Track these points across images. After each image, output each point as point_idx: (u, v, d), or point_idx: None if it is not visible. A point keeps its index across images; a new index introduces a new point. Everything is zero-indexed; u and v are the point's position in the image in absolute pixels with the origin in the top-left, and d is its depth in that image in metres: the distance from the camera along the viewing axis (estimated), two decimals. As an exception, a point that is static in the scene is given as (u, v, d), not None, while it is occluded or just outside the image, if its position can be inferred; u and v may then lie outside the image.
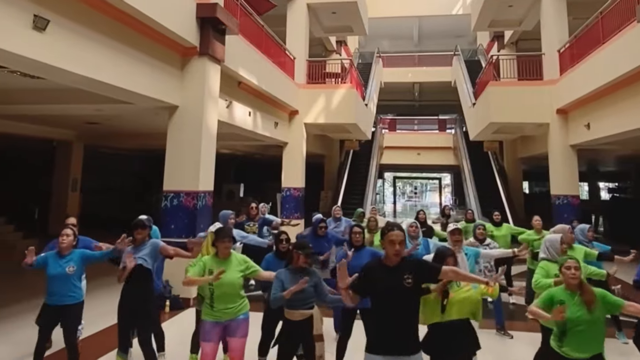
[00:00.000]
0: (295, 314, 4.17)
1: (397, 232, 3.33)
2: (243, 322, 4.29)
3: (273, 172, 17.28)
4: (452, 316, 3.81)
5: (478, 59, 24.70)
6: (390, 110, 29.93)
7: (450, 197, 34.03)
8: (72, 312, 4.72)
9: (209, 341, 4.18)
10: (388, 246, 3.32)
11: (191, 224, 7.89)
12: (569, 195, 13.13)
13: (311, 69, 15.98)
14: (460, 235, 5.41)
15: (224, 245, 4.29)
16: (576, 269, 3.72)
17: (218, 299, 4.18)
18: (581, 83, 11.55)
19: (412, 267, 3.31)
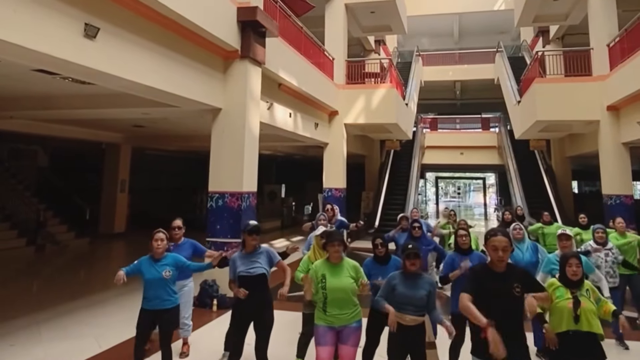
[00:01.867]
0: (407, 319, 3.99)
1: (499, 237, 3.27)
2: (356, 330, 4.17)
3: (314, 173, 17.43)
4: (584, 327, 3.60)
5: (522, 56, 24.11)
6: (431, 109, 29.59)
7: (495, 197, 33.37)
8: (169, 316, 4.68)
9: (324, 345, 4.09)
10: (491, 252, 3.28)
11: (236, 224, 8.03)
12: (622, 195, 12.67)
13: (350, 69, 15.99)
14: (569, 241, 5.12)
15: (334, 249, 4.17)
16: None
17: (331, 304, 4.10)
18: (633, 78, 11.11)
19: (520, 277, 3.29)
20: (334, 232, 4.49)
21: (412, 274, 4.09)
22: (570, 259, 3.81)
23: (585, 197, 24.18)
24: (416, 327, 4.01)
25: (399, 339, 4.00)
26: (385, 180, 20.07)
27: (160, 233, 4.77)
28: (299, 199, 22.97)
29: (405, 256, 4.08)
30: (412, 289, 4.03)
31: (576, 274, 3.74)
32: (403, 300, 3.98)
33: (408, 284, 4.03)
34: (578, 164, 20.31)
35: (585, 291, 3.75)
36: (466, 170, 33.71)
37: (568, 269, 3.78)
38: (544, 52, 16.00)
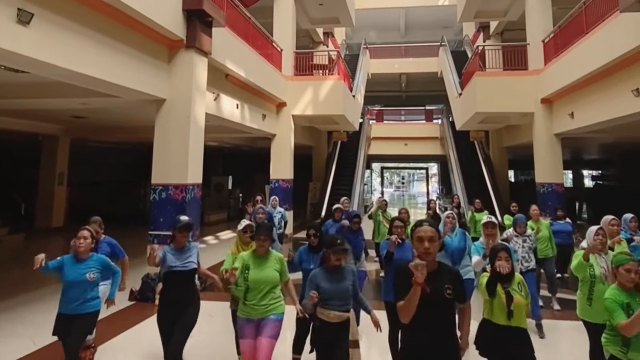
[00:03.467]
0: (331, 315, 3.85)
1: (425, 227, 2.92)
2: (273, 322, 4.02)
3: (261, 164, 17.32)
4: (515, 322, 3.59)
5: (464, 50, 24.86)
6: (378, 101, 30.05)
7: (437, 186, 34.34)
8: (84, 321, 4.29)
9: (245, 338, 4.00)
10: (417, 244, 2.90)
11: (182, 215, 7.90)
12: (554, 183, 13.44)
13: (298, 61, 16.01)
14: (493, 229, 5.13)
15: (259, 243, 4.10)
16: (636, 273, 3.42)
17: (251, 295, 4.02)
18: (565, 73, 11.76)
19: (452, 279, 2.94)
20: (262, 226, 4.38)
21: (333, 268, 3.96)
22: (499, 253, 3.75)
23: (521, 186, 25.37)
24: (340, 325, 3.86)
25: (323, 337, 3.87)
26: (332, 171, 20.27)
27: (84, 230, 4.43)
28: (246, 191, 22.80)
29: (333, 252, 3.91)
30: (336, 282, 3.90)
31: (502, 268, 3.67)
32: (328, 296, 3.84)
33: (331, 279, 3.91)
34: (514, 154, 21.26)
35: (517, 285, 3.73)
36: (410, 161, 34.53)
37: (498, 262, 3.71)
38: (484, 46, 16.57)
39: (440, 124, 26.07)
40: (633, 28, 8.16)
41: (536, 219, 7.46)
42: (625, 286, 3.44)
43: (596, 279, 4.30)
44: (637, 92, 8.85)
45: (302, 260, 4.87)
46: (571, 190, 25.39)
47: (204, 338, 5.69)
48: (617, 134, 13.21)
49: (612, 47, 9.19)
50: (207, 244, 12.66)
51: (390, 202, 32.52)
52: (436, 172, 37.08)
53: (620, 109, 9.69)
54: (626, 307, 3.35)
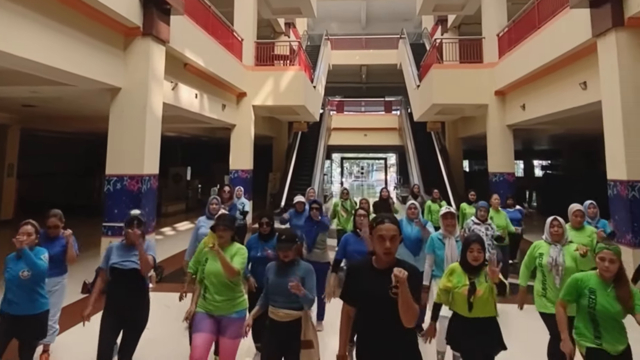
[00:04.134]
0: (280, 314, 3.61)
1: (387, 225, 2.71)
2: (236, 321, 3.82)
3: (221, 154, 17.17)
4: (477, 314, 3.55)
5: (423, 43, 25.18)
6: (339, 92, 30.14)
7: (396, 176, 34.86)
8: (33, 323, 4.04)
9: (199, 331, 3.74)
10: (377, 243, 2.72)
11: (135, 207, 7.75)
12: (505, 173, 13.98)
13: (259, 51, 15.91)
14: (453, 220, 5.02)
15: (219, 234, 3.92)
16: (611, 262, 3.31)
17: (210, 290, 3.83)
18: (518, 66, 12.21)
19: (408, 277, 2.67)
20: (222, 216, 4.22)
21: (286, 263, 3.72)
22: (472, 244, 3.64)
23: (475, 175, 26.04)
24: (291, 324, 3.59)
25: (273, 338, 3.60)
26: (293, 161, 20.27)
27: (27, 225, 4.14)
28: (205, 181, 22.57)
29: (278, 247, 3.69)
30: (283, 276, 3.63)
31: (477, 260, 3.60)
32: (275, 290, 3.63)
33: (280, 273, 3.69)
34: (469, 144, 21.82)
35: (485, 276, 3.62)
36: (370, 151, 34.95)
37: (469, 254, 3.63)
38: (442, 39, 16.89)
39: (399, 115, 26.44)
40: (581, 24, 8.52)
41: (496, 208, 7.73)
42: (603, 276, 3.35)
43: (543, 267, 4.36)
44: (584, 86, 9.26)
45: (250, 249, 4.61)
46: (522, 179, 26.55)
47: (160, 331, 5.60)
48: (566, 125, 13.78)
49: (561, 42, 9.59)
50: (164, 235, 12.51)
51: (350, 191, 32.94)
52: (394, 162, 37.62)
53: (568, 102, 10.15)
54: (589, 292, 3.35)
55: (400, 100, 26.83)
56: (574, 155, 24.60)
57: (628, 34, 7.58)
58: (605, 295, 3.30)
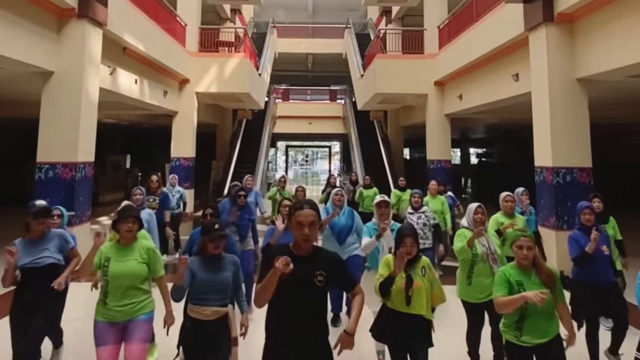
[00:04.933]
0: (207, 312, 3.37)
1: (306, 211, 2.66)
2: (143, 324, 3.48)
3: (163, 142, 16.78)
4: (415, 309, 3.43)
5: (368, 33, 25.46)
6: (284, 80, 30.04)
7: (339, 164, 35.26)
8: None
9: (104, 344, 3.36)
10: (295, 229, 2.67)
11: (68, 196, 7.57)
12: (442, 160, 14.47)
13: (203, 37, 15.68)
14: (387, 209, 4.88)
15: (127, 227, 3.51)
16: (529, 249, 3.27)
17: (112, 294, 3.41)
18: (456, 58, 12.63)
19: (327, 265, 2.70)
20: (128, 207, 3.79)
21: (213, 257, 3.50)
22: (405, 238, 3.52)
23: (415, 163, 26.81)
24: (217, 322, 3.41)
25: (198, 338, 3.39)
26: (237, 149, 20.09)
27: None
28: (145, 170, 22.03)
29: (210, 239, 3.45)
30: (213, 272, 3.44)
31: (410, 253, 3.47)
32: (203, 288, 3.39)
33: (209, 268, 3.45)
34: (410, 133, 22.25)
35: (422, 269, 3.56)
36: (314, 139, 35.26)
37: (403, 247, 3.50)
38: (386, 30, 17.15)
39: (344, 104, 26.70)
40: (515, 18, 8.87)
41: (434, 194, 7.93)
42: (521, 264, 3.32)
43: (477, 257, 4.29)
44: (517, 77, 9.68)
45: (193, 244, 4.34)
46: (458, 167, 27.47)
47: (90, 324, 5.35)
48: (499, 115, 14.35)
49: (496, 36, 9.97)
50: (100, 224, 12.19)
51: (295, 179, 33.03)
52: (339, 150, 38.07)
53: (502, 92, 10.59)
54: (517, 285, 3.24)
55: (345, 89, 27.08)
56: (506, 144, 25.85)
57: (557, 28, 7.98)
58: (531, 284, 3.24)
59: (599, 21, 7.34)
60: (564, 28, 8.00)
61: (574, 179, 7.67)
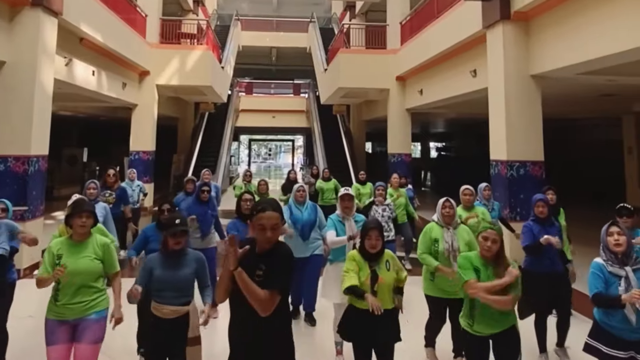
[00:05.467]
0: (165, 310, 3.32)
1: (269, 213, 2.58)
2: (94, 323, 3.32)
3: (122, 135, 16.45)
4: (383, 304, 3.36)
5: (332, 27, 25.49)
6: (248, 74, 29.88)
7: (303, 157, 35.35)
8: None
9: (54, 344, 3.24)
10: (258, 232, 2.60)
11: (21, 191, 7.35)
12: (403, 154, 14.71)
13: (165, 29, 15.44)
14: (351, 202, 4.92)
15: (79, 222, 3.33)
16: (494, 242, 3.31)
17: (63, 292, 3.27)
18: (417, 53, 12.81)
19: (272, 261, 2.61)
20: (80, 201, 3.66)
21: (174, 253, 3.42)
22: (370, 231, 3.54)
23: (377, 156, 27.22)
24: (178, 320, 3.36)
25: (158, 336, 3.34)
26: (198, 143, 19.91)
27: None
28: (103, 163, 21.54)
29: (171, 234, 3.37)
30: (173, 269, 3.38)
31: (375, 247, 3.51)
32: (162, 285, 3.33)
33: (168, 265, 3.38)
34: (372, 127, 22.45)
35: (386, 262, 3.59)
36: (278, 133, 35.30)
37: (367, 241, 3.53)
38: (350, 25, 17.22)
39: (307, 98, 26.77)
40: (474, 16, 9.04)
41: (396, 186, 8.07)
42: (484, 255, 3.38)
43: (439, 254, 4.31)
44: (474, 73, 9.90)
45: (148, 240, 4.28)
46: (418, 160, 28.15)
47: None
48: (458, 109, 14.63)
49: (456, 32, 10.16)
50: (55, 219, 11.90)
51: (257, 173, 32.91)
52: (302, 144, 38.17)
53: (461, 88, 10.81)
54: (475, 271, 3.34)
55: (309, 83, 27.15)
56: (465, 138, 26.43)
57: (513, 26, 8.17)
58: (486, 275, 3.32)
59: (552, 20, 7.57)
60: (520, 26, 8.20)
61: (527, 172, 7.90)
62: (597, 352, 3.26)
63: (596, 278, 3.23)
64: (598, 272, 3.25)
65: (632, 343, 3.14)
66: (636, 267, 3.20)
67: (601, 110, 14.19)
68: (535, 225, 4.69)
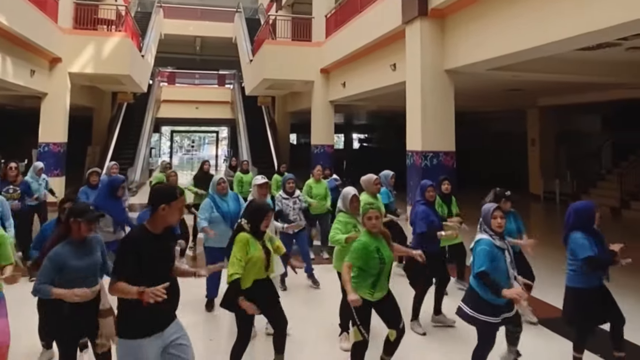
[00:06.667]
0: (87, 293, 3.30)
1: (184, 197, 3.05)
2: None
3: (31, 126, 15.44)
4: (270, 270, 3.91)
5: (258, 18, 25.30)
6: (170, 63, 29.05)
7: (227, 149, 35.04)
8: None
9: None
10: (176, 213, 2.96)
11: None
12: (326, 145, 14.96)
13: (80, 13, 14.67)
14: (266, 189, 5.33)
15: None
16: (377, 218, 3.80)
17: None
18: (341, 46, 13.03)
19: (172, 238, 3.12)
20: None
21: (80, 241, 3.39)
22: (268, 212, 3.94)
23: (301, 147, 27.32)
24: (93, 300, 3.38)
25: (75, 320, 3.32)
26: (116, 134, 19.20)
27: None
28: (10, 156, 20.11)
29: (86, 220, 3.34)
30: (87, 256, 3.39)
31: (267, 226, 3.95)
32: (80, 274, 3.30)
33: (82, 253, 3.36)
34: (297, 118, 22.65)
35: (269, 240, 4.02)
36: (201, 124, 34.79)
37: (265, 221, 3.88)
38: (276, 16, 17.15)
39: (232, 89, 26.50)
40: (394, 11, 9.30)
41: (318, 178, 8.13)
42: (372, 232, 3.81)
43: None
44: (394, 67, 10.19)
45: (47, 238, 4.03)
46: (341, 151, 28.53)
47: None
48: (380, 102, 15.05)
49: (378, 27, 10.40)
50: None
51: (180, 165, 32.24)
52: (226, 135, 37.81)
53: (381, 81, 11.11)
54: (376, 251, 3.72)
55: (234, 74, 26.85)
56: (385, 130, 27.23)
57: (430, 23, 8.48)
58: (384, 247, 3.80)
59: (465, 18, 7.95)
60: (437, 23, 8.53)
61: (440, 162, 8.26)
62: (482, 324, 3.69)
63: (487, 254, 3.64)
64: (489, 247, 3.67)
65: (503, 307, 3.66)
66: None
67: (510, 104, 15.19)
68: (428, 209, 5.19)
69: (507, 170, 17.47)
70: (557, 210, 13.80)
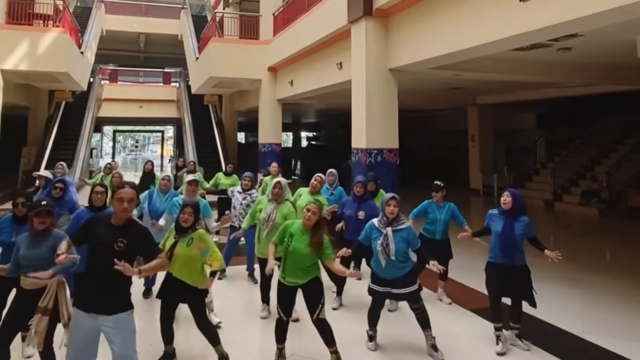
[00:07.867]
0: (27, 282, 3.56)
1: (127, 189, 3.25)
2: None
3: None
4: (174, 272, 4.04)
5: (205, 15, 25.06)
6: (113, 61, 28.19)
7: (173, 149, 34.53)
8: None
9: None
10: (116, 204, 3.20)
11: None
12: (273, 143, 14.93)
13: (13, 7, 13.95)
14: (196, 187, 5.69)
15: None
16: (314, 213, 4.06)
17: None
18: (288, 45, 13.01)
19: (133, 235, 3.21)
20: None
21: (39, 233, 3.65)
22: (185, 208, 4.16)
23: (248, 146, 27.30)
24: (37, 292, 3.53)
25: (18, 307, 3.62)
26: (53, 135, 18.47)
27: None
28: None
29: (36, 213, 3.61)
30: (34, 248, 3.59)
31: (186, 222, 4.09)
32: (28, 262, 3.55)
33: (33, 244, 3.61)
34: (244, 117, 22.70)
35: (189, 239, 4.08)
36: (146, 124, 34.19)
37: (181, 215, 4.13)
38: (223, 14, 16.97)
39: (178, 87, 26.07)
40: (340, 11, 9.36)
41: (275, 174, 8.32)
42: (305, 224, 4.12)
43: (260, 222, 5.32)
44: (340, 66, 10.22)
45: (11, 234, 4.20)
46: (289, 149, 28.62)
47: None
48: (326, 100, 15.20)
49: (324, 26, 10.44)
50: None
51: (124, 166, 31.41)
52: (172, 135, 37.29)
53: (328, 79, 11.17)
54: (288, 236, 4.12)
55: (180, 72, 26.36)
56: (333, 128, 27.53)
57: (375, 22, 8.56)
58: (299, 240, 4.09)
59: (408, 18, 8.07)
60: (381, 22, 8.61)
61: (384, 159, 8.34)
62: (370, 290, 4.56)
63: (365, 231, 4.59)
64: (368, 228, 4.54)
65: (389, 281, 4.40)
66: (396, 229, 4.38)
67: (451, 102, 15.77)
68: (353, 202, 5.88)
69: (449, 166, 18.09)
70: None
